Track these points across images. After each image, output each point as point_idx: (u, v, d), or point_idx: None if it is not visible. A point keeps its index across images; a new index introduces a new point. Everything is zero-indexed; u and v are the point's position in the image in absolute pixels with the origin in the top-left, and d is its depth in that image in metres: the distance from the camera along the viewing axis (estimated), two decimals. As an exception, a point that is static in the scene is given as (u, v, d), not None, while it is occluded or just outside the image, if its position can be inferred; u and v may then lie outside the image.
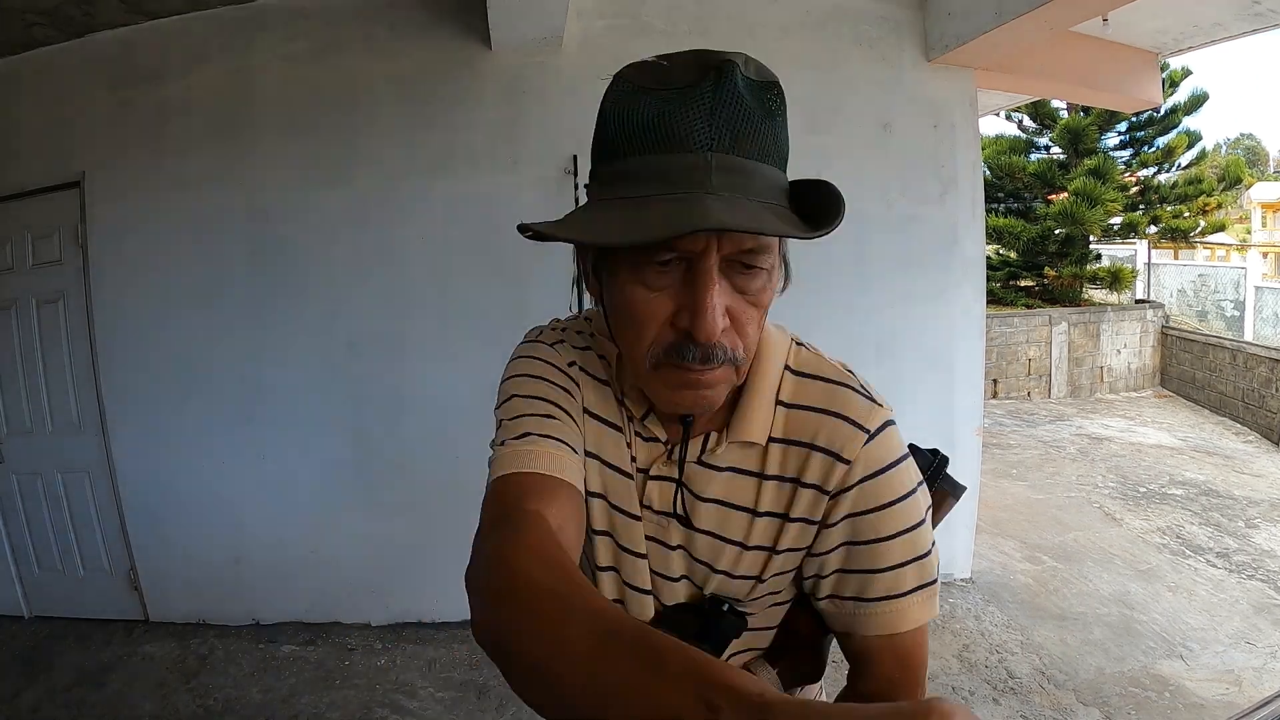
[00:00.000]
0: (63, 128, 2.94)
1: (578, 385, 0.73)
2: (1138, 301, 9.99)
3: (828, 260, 3.13)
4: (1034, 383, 8.35)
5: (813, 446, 0.67)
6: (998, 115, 8.53)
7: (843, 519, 0.67)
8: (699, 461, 0.70)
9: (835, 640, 0.76)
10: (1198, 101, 9.27)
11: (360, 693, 2.61)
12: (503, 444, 0.65)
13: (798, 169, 0.61)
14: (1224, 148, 29.69)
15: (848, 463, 0.66)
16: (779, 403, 0.69)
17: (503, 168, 2.92)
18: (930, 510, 0.69)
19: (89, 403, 3.01)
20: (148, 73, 2.90)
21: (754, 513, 0.70)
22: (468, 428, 3.11)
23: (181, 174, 2.91)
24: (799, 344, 0.73)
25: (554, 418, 0.67)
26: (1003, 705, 2.47)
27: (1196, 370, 8.10)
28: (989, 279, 6.26)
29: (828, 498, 0.67)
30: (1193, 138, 9.40)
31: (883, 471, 0.66)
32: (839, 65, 3.08)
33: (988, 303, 4.50)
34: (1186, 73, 9.43)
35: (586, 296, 2.81)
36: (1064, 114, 9.46)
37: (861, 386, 0.70)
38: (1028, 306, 8.98)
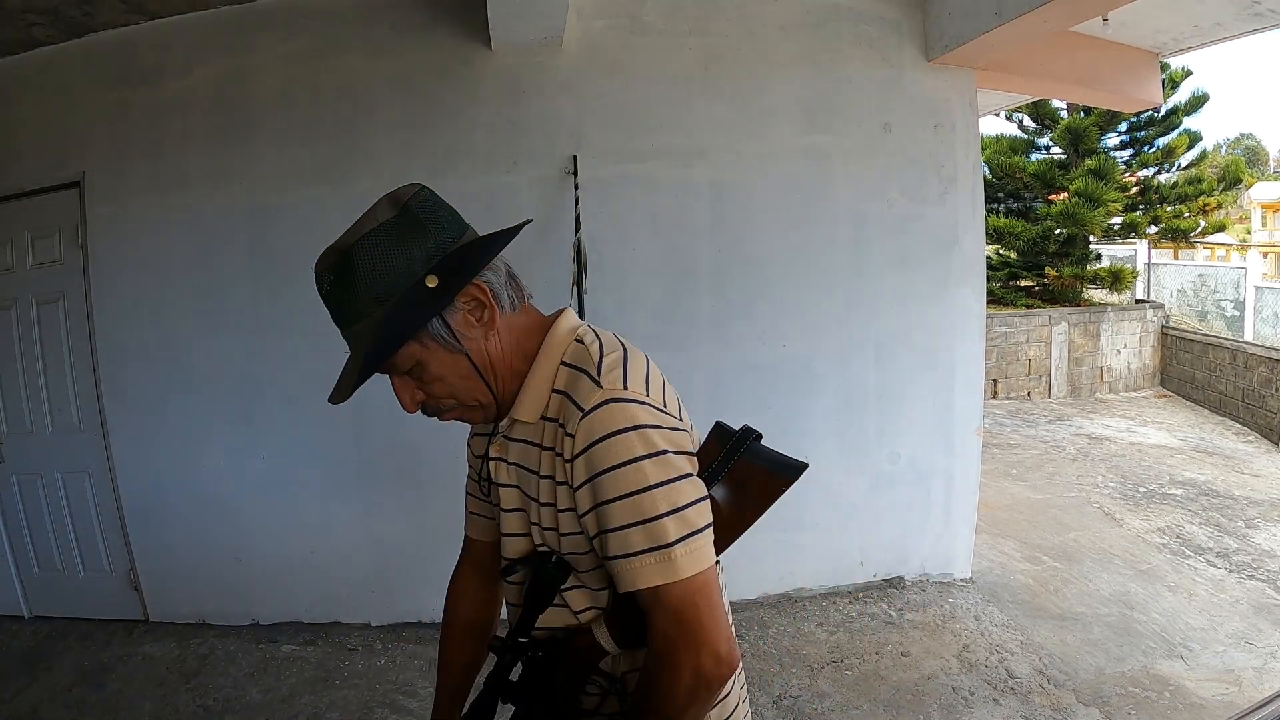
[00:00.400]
0: (63, 128, 2.94)
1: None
2: (1138, 301, 9.99)
3: (828, 260, 3.13)
4: (1034, 383, 8.35)
5: (555, 421, 0.83)
6: (998, 115, 8.53)
7: (583, 484, 0.79)
8: (505, 436, 0.90)
9: None
10: (1198, 102, 9.27)
11: (360, 693, 2.61)
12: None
13: (798, 168, 0.62)
14: (1224, 148, 29.69)
15: (571, 436, 0.79)
16: (555, 390, 0.85)
17: (503, 168, 2.92)
18: (677, 479, 0.77)
19: (89, 403, 3.01)
20: (148, 73, 2.90)
21: (538, 475, 0.85)
22: (467, 427, 3.12)
23: (181, 174, 2.91)
24: (581, 341, 0.87)
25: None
26: (1003, 705, 2.47)
27: (1196, 370, 8.10)
28: (989, 279, 6.27)
29: (564, 461, 0.80)
30: (1193, 138, 9.40)
31: (599, 441, 0.77)
32: (839, 65, 3.08)
33: (988, 303, 4.50)
34: (1186, 73, 9.43)
35: (587, 296, 2.82)
36: (1064, 114, 9.46)
37: (596, 372, 0.81)
38: (1028, 306, 8.98)
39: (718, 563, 0.83)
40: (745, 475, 0.88)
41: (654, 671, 0.77)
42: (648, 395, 0.80)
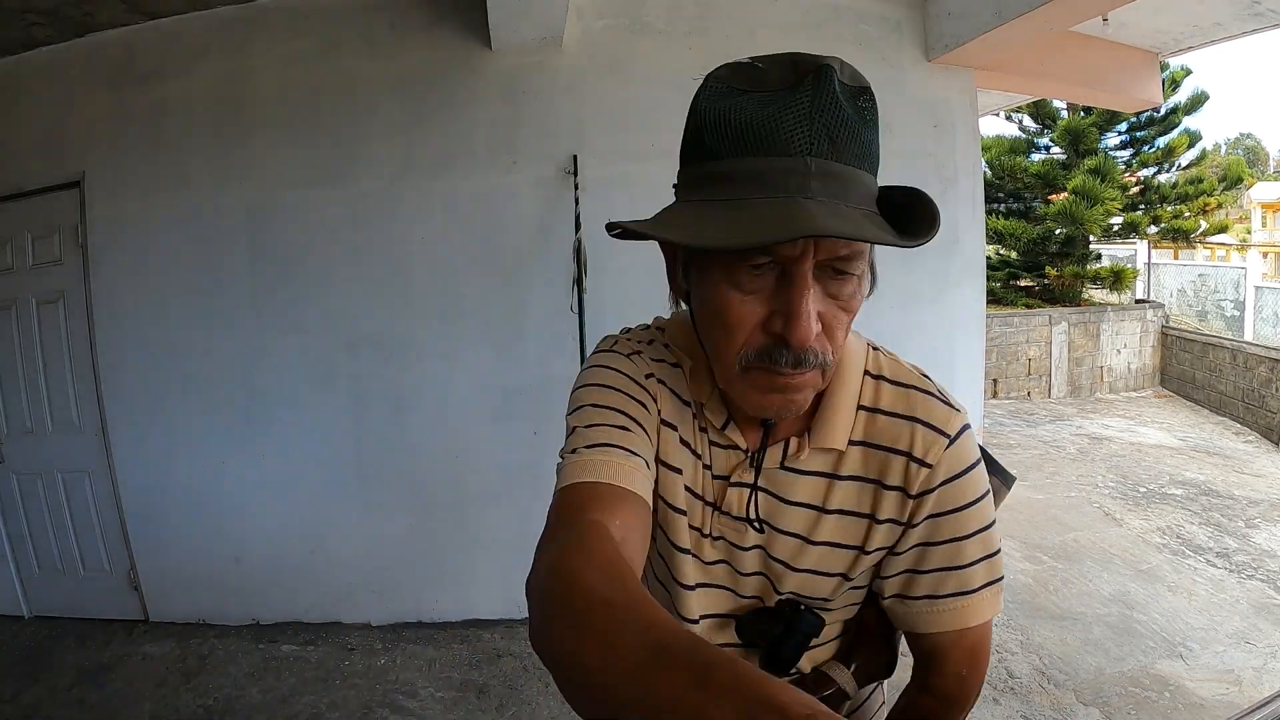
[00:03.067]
0: (63, 128, 2.94)
1: (654, 399, 0.72)
2: (1138, 301, 9.99)
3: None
4: (1034, 383, 8.35)
5: (894, 450, 0.69)
6: (998, 115, 8.53)
7: (924, 520, 0.69)
8: (782, 467, 0.71)
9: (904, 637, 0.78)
10: (1198, 101, 9.26)
11: (360, 693, 2.61)
12: (574, 452, 0.65)
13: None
14: (1224, 148, 29.70)
15: (930, 466, 0.67)
16: (860, 407, 0.71)
17: (503, 168, 2.92)
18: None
19: (89, 403, 3.01)
20: (148, 72, 2.90)
21: (823, 510, 0.71)
22: (468, 427, 3.12)
23: (181, 174, 2.91)
24: (875, 349, 0.76)
25: (627, 429, 0.67)
26: (1003, 705, 2.47)
27: (1196, 370, 8.10)
28: (989, 279, 6.26)
29: (911, 500, 0.68)
30: (1193, 138, 9.39)
31: (962, 474, 0.68)
32: (839, 65, 3.08)
33: (988, 303, 4.50)
34: (1187, 73, 9.42)
35: (587, 296, 2.82)
36: (1064, 114, 9.45)
37: (939, 392, 0.71)
38: (1028, 306, 8.98)
39: None
40: (995, 491, 0.80)
41: (940, 712, 0.74)
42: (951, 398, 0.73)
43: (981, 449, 0.75)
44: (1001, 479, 0.83)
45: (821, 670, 0.78)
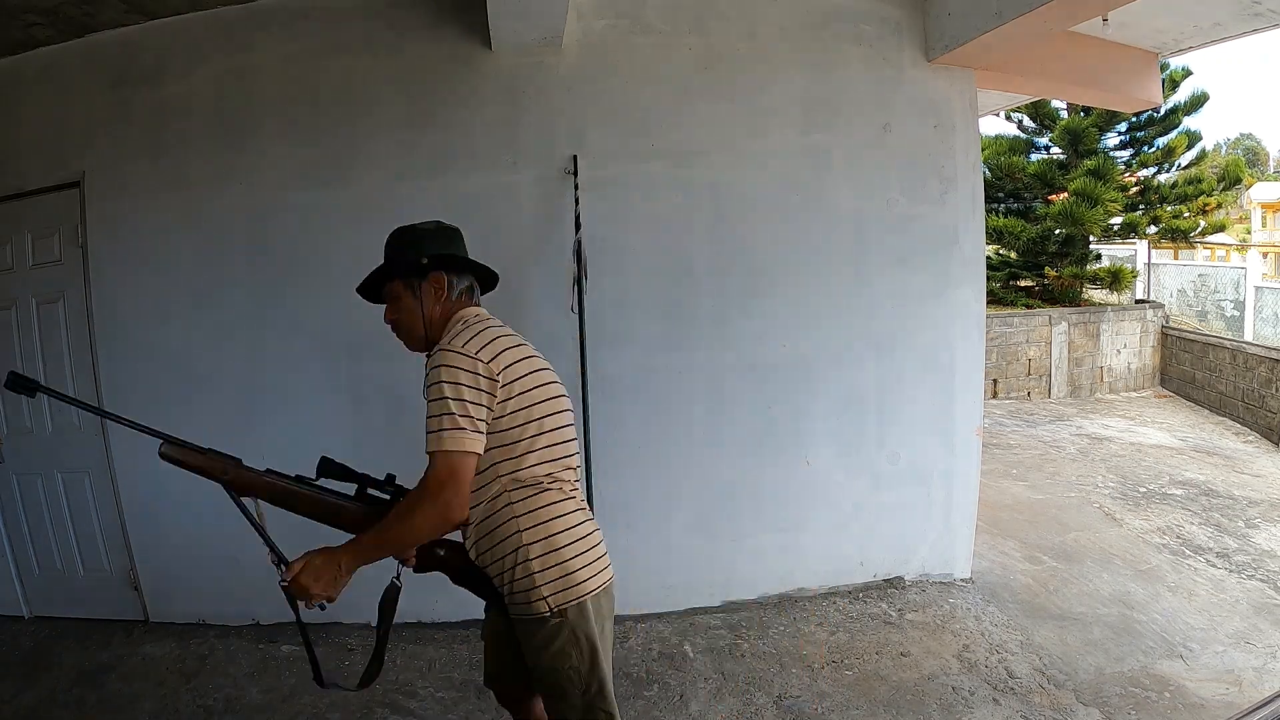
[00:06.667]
0: (63, 128, 2.94)
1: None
2: (1138, 301, 9.99)
3: (828, 260, 3.13)
4: (1034, 383, 8.35)
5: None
6: (998, 115, 8.53)
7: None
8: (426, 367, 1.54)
9: None
10: (1198, 101, 9.26)
11: (360, 693, 2.61)
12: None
13: (797, 168, 0.62)
14: (1224, 148, 29.72)
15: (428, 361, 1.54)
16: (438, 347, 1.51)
17: (503, 168, 2.92)
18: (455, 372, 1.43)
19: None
20: (148, 73, 2.90)
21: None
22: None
23: (181, 174, 2.91)
24: (457, 323, 1.53)
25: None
26: (1003, 705, 2.47)
27: (1196, 370, 8.10)
28: (989, 279, 6.26)
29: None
30: (1193, 138, 9.39)
31: (429, 368, 1.48)
32: (839, 65, 3.08)
33: (988, 303, 4.50)
34: (1186, 73, 9.42)
35: (587, 296, 2.81)
36: (1064, 114, 9.46)
37: (446, 339, 1.51)
38: (1028, 306, 8.98)
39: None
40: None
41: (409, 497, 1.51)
42: (463, 349, 1.42)
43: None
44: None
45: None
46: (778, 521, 3.19)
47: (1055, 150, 9.72)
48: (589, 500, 2.64)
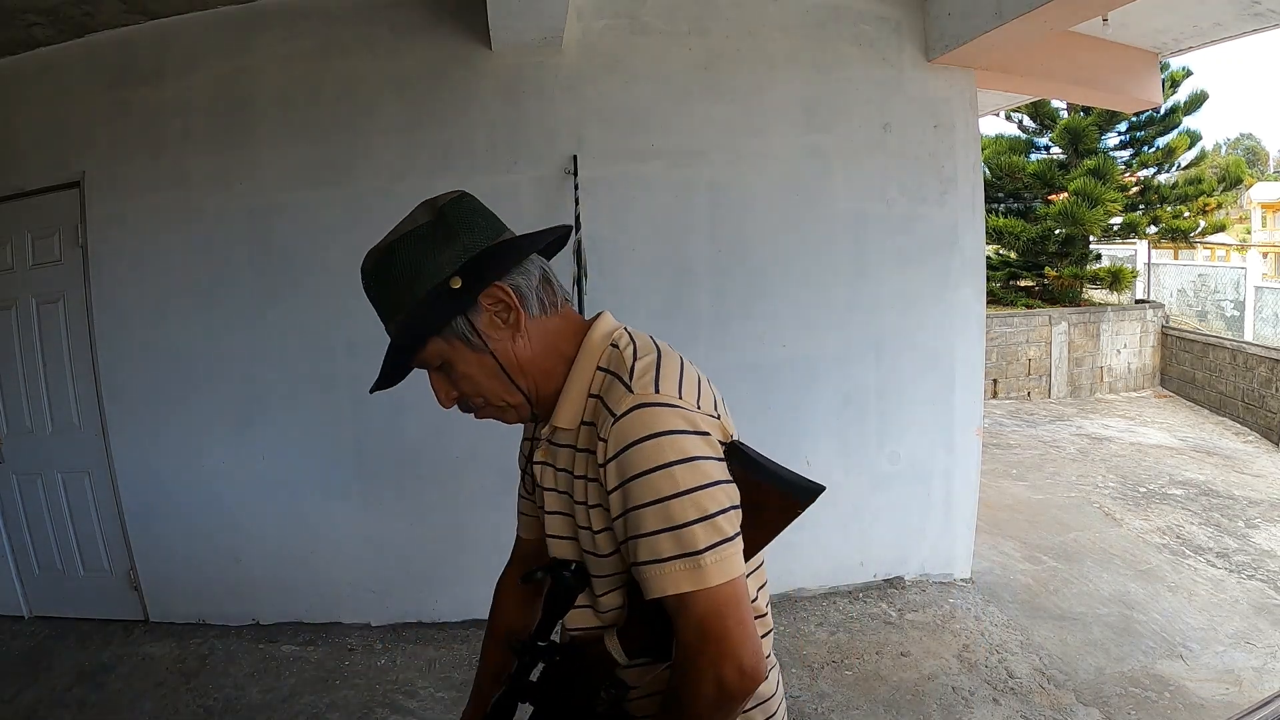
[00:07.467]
0: (63, 128, 2.94)
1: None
2: (1138, 301, 9.99)
3: (828, 260, 3.13)
4: (1034, 383, 8.35)
5: (592, 425, 0.84)
6: (998, 115, 8.52)
7: (615, 489, 0.79)
8: (549, 441, 0.91)
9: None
10: (1198, 101, 9.26)
11: (360, 693, 2.61)
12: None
13: (797, 168, 0.62)
14: (1224, 148, 29.71)
15: (604, 440, 0.79)
16: (590, 395, 0.86)
17: (503, 168, 2.92)
18: (708, 485, 0.76)
19: (89, 403, 3.01)
20: (148, 73, 2.90)
21: (582, 478, 0.85)
22: (467, 427, 3.12)
23: (181, 174, 2.91)
24: (616, 345, 0.88)
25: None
26: (1003, 705, 2.47)
27: (1196, 370, 8.10)
28: (989, 279, 6.26)
29: (601, 466, 0.80)
30: (1193, 138, 9.39)
31: (629, 448, 0.77)
32: (839, 65, 3.08)
33: (988, 303, 4.50)
34: (1186, 73, 9.42)
35: (587, 296, 2.82)
36: (1064, 114, 9.45)
37: (629, 376, 0.81)
38: (1028, 306, 8.97)
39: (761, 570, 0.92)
40: (761, 497, 0.82)
41: (677, 681, 0.77)
42: (680, 398, 0.79)
43: (764, 464, 0.83)
44: (787, 490, 0.82)
45: (591, 630, 0.88)
46: (778, 521, 3.18)
47: (1055, 150, 9.71)
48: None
